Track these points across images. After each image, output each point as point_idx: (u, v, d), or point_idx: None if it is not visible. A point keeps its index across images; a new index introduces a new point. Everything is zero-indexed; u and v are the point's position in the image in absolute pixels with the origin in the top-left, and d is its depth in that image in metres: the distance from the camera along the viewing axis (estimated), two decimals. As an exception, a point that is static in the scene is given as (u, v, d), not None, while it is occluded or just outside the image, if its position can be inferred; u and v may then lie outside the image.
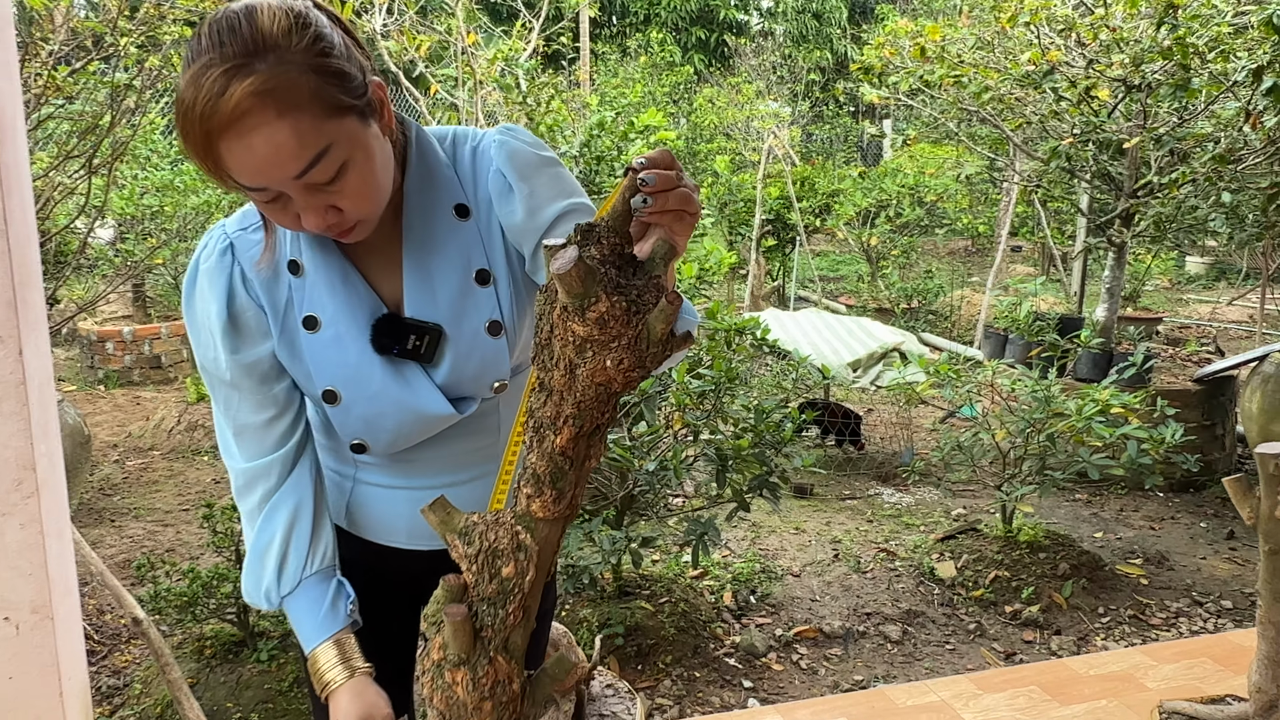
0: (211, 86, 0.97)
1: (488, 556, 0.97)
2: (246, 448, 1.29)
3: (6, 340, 1.79)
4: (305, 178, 1.04)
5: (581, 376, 0.89)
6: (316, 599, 1.28)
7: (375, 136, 1.10)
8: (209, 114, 0.98)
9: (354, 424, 1.27)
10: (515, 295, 1.26)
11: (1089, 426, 3.83)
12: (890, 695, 2.72)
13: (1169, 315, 10.21)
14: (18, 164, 1.84)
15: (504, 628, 0.99)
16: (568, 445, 0.93)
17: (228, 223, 1.26)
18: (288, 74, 0.99)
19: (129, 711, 3.03)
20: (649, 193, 0.87)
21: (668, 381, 3.35)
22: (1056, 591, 3.96)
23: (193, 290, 1.26)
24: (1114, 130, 5.13)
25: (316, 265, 1.22)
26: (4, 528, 1.85)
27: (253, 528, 1.31)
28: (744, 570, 4.13)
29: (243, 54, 0.98)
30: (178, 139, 1.06)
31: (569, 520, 1.00)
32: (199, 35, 1.01)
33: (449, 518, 1.00)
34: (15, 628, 1.89)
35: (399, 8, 5.64)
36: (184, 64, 1.02)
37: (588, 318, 0.85)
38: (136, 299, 7.91)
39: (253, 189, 1.05)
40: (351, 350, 1.23)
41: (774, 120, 11.16)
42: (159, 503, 5.13)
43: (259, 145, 1.00)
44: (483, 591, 0.98)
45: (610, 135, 5.13)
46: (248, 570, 1.31)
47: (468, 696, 0.99)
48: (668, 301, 0.85)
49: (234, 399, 1.27)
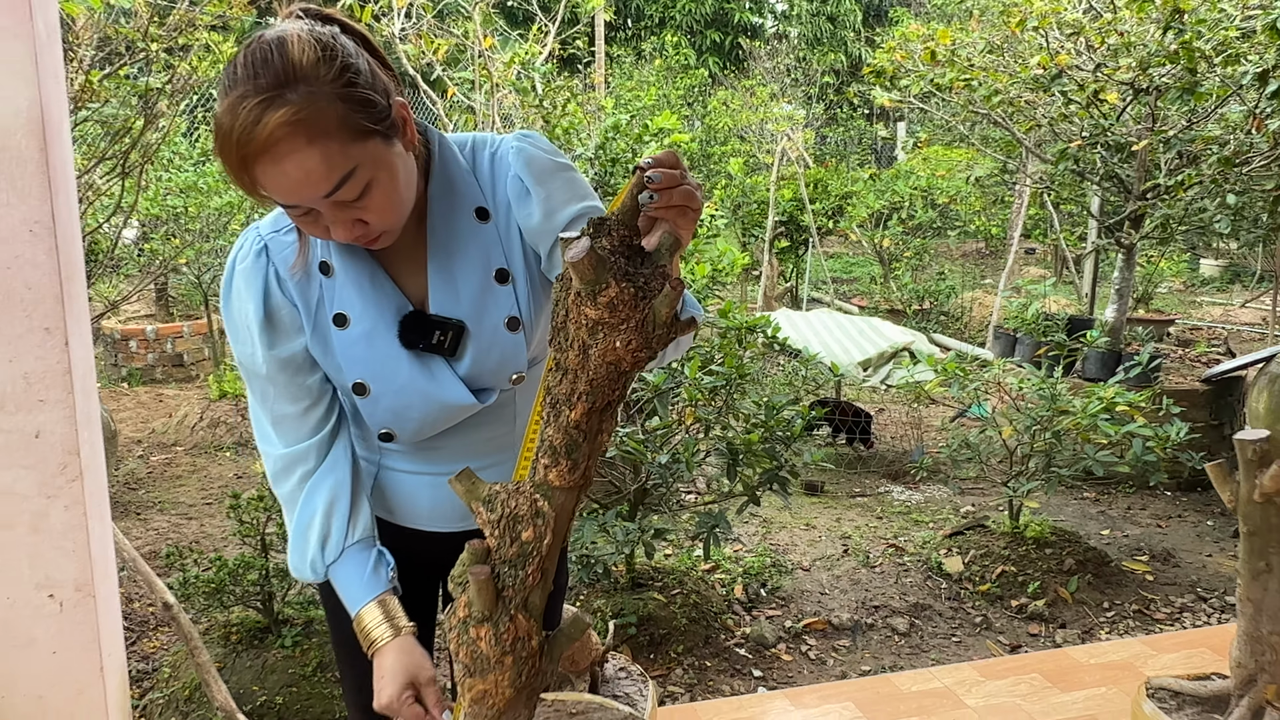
0: (248, 116, 1.06)
1: (509, 522, 1.07)
2: (284, 435, 1.38)
3: (54, 331, 1.89)
4: (333, 197, 1.13)
5: (594, 356, 0.99)
6: (360, 565, 1.37)
7: (398, 154, 1.19)
8: (245, 141, 1.07)
9: (382, 414, 1.36)
10: (532, 293, 1.35)
11: (1095, 424, 3.90)
12: (895, 682, 2.80)
13: (1181, 317, 10.24)
14: (64, 165, 1.94)
15: (524, 588, 1.08)
16: (581, 419, 1.03)
17: (261, 225, 1.35)
18: (317, 104, 1.08)
19: (158, 694, 3.14)
20: (655, 189, 0.96)
21: (680, 378, 3.44)
22: (1062, 586, 4.03)
23: (230, 290, 1.35)
24: (1122, 133, 5.19)
25: (346, 266, 1.31)
26: (49, 509, 1.96)
27: (293, 508, 1.40)
28: (754, 564, 4.21)
29: (275, 85, 1.07)
30: (200, 140, 1.16)
31: (583, 490, 1.09)
32: (235, 65, 1.10)
33: (474, 487, 1.09)
34: (59, 605, 1.99)
35: (417, 12, 5.74)
36: (221, 91, 1.11)
37: (599, 302, 0.95)
38: (159, 298, 8.05)
39: (286, 206, 1.15)
40: (380, 345, 1.31)
41: (788, 123, 11.22)
42: (183, 497, 5.24)
43: (291, 169, 1.10)
44: (504, 554, 1.08)
45: (625, 138, 5.22)
46: (292, 548, 1.40)
47: (490, 650, 1.09)
48: (671, 287, 0.94)
49: (270, 391, 1.36)
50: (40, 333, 1.88)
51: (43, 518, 1.95)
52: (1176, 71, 4.73)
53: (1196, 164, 4.97)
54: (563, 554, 1.54)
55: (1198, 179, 4.69)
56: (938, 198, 11.32)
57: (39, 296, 1.87)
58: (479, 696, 1.13)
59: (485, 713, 1.14)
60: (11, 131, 1.79)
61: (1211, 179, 4.66)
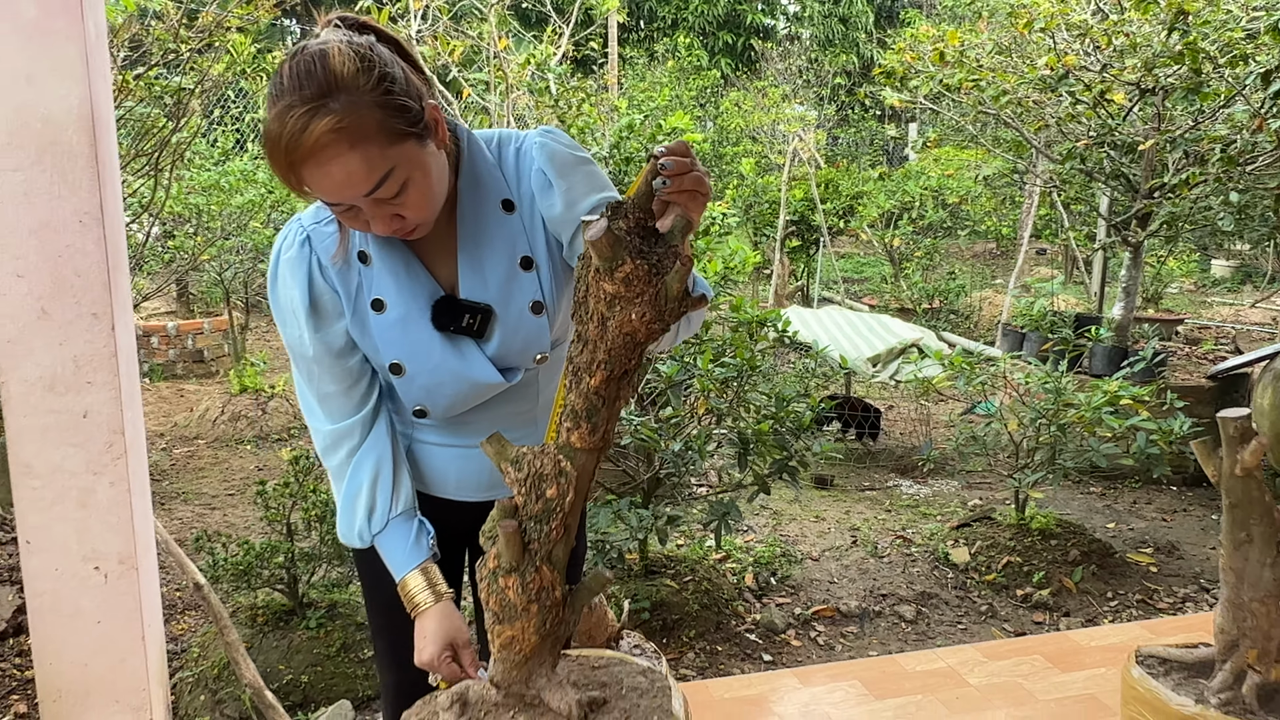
0: (295, 124, 1.17)
1: (534, 480, 1.17)
2: (330, 412, 1.48)
3: (101, 317, 2.00)
4: (373, 195, 1.24)
5: (611, 328, 1.09)
6: (403, 535, 1.48)
7: (431, 154, 1.29)
8: (293, 147, 1.18)
9: (417, 392, 1.47)
10: (555, 278, 1.46)
11: (1099, 418, 3.98)
12: (901, 662, 2.89)
13: (1191, 317, 10.28)
14: (110, 159, 2.06)
15: (548, 541, 1.19)
16: (600, 386, 1.13)
17: (303, 217, 1.46)
18: (357, 112, 1.18)
19: (187, 673, 3.24)
20: (667, 175, 1.06)
21: (693, 370, 3.53)
22: (1067, 576, 4.11)
23: (276, 278, 1.45)
24: (1129, 133, 5.27)
25: (382, 255, 1.41)
26: (95, 486, 2.07)
27: (341, 481, 1.51)
28: (765, 554, 4.30)
29: (319, 95, 1.17)
30: (220, 141, 1.27)
31: (602, 452, 1.20)
32: (281, 76, 1.20)
33: (503, 449, 1.20)
34: (104, 577, 2.10)
35: (433, 14, 5.84)
36: (269, 100, 1.21)
37: (616, 277, 1.06)
38: (180, 295, 8.19)
39: (329, 203, 1.26)
40: (414, 328, 1.42)
41: (799, 124, 11.31)
42: (205, 488, 5.37)
43: (335, 172, 1.20)
44: (530, 510, 1.18)
45: (639, 137, 5.31)
46: (341, 516, 1.51)
47: (518, 599, 1.19)
48: (681, 264, 1.05)
49: (316, 371, 1.47)
50: (89, 318, 2.00)
51: (89, 494, 2.07)
52: (1181, 72, 4.80)
53: (1203, 163, 5.04)
54: (582, 524, 1.64)
55: (1202, 178, 4.76)
56: (948, 198, 11.39)
57: (88, 284, 1.98)
58: (507, 642, 1.23)
59: (513, 657, 1.24)
60: (64, 127, 1.91)
61: (1215, 178, 4.73)
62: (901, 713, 2.60)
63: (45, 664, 2.12)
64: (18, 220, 1.92)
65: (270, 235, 6.98)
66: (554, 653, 1.28)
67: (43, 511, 2.05)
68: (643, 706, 1.30)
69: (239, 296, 7.80)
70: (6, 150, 1.89)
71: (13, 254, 1.93)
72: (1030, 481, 4.17)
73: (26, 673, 3.18)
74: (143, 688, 2.17)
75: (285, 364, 8.05)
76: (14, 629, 3.28)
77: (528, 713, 1.27)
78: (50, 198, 1.92)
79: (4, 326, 1.96)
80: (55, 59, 1.88)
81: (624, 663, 1.42)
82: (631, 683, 1.37)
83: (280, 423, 6.46)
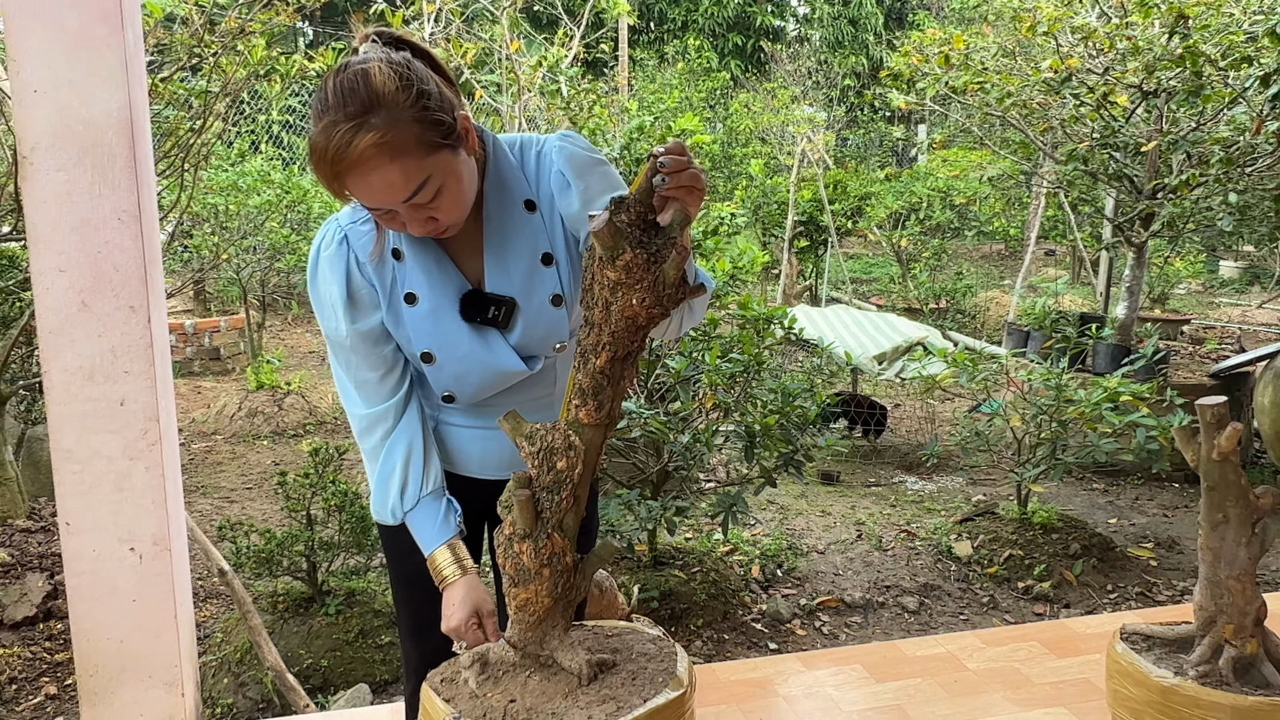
0: (340, 139, 1.27)
1: (546, 453, 1.28)
2: (366, 398, 1.59)
3: (138, 309, 2.11)
4: (410, 201, 1.35)
5: (615, 311, 1.20)
6: (433, 513, 1.59)
7: (463, 161, 1.40)
8: (339, 159, 1.29)
9: (446, 379, 1.57)
10: (573, 273, 1.56)
11: (1100, 414, 4.06)
12: (901, 647, 2.98)
13: (1197, 317, 10.33)
14: (146, 160, 2.16)
15: (559, 510, 1.29)
16: (606, 366, 1.24)
17: (340, 217, 1.56)
18: (397, 127, 1.29)
19: (211, 657, 3.35)
20: (666, 173, 1.16)
21: (701, 365, 3.63)
22: (1067, 570, 4.19)
23: (316, 273, 1.56)
24: (1132, 134, 5.34)
25: (415, 252, 1.52)
26: (132, 470, 2.18)
27: (375, 461, 1.61)
28: (771, 547, 4.40)
29: (362, 112, 1.28)
30: (236, 142, 1.38)
31: (609, 428, 1.30)
32: (325, 92, 1.31)
33: (519, 425, 1.31)
34: (139, 557, 2.21)
35: (446, 17, 5.95)
36: (315, 114, 1.32)
37: (617, 265, 1.17)
38: (197, 294, 8.31)
39: (370, 208, 1.37)
40: (444, 320, 1.52)
41: (808, 125, 11.39)
42: (223, 482, 5.48)
43: (376, 181, 1.31)
44: (542, 481, 1.29)
45: (649, 139, 5.41)
46: (375, 494, 1.62)
47: (531, 563, 1.30)
48: (677, 253, 1.16)
49: (353, 360, 1.57)
50: (126, 310, 2.10)
51: (126, 478, 2.17)
52: (1183, 75, 4.88)
53: (1205, 165, 5.12)
54: (593, 501, 1.74)
55: (1202, 179, 4.84)
56: (955, 199, 11.46)
57: (125, 278, 2.09)
58: (522, 604, 1.33)
59: (528, 618, 1.35)
60: (104, 130, 2.01)
61: (1215, 178, 4.81)
62: (901, 695, 2.68)
63: (83, 640, 2.23)
64: (60, 218, 2.03)
65: (287, 235, 7.11)
66: (566, 616, 1.38)
67: (82, 495, 2.15)
68: (649, 669, 1.40)
69: (255, 295, 7.93)
70: (50, 151, 2.00)
71: (56, 250, 2.04)
72: (1032, 476, 4.25)
73: (56, 656, 3.29)
74: (175, 664, 2.27)
75: (300, 362, 8.17)
76: (44, 614, 3.39)
77: (542, 672, 1.37)
78: (91, 196, 2.03)
79: (46, 318, 2.07)
80: (96, 65, 1.99)
81: (635, 632, 1.52)
82: (640, 649, 1.47)
83: (296, 419, 6.58)
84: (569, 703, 1.31)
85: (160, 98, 3.23)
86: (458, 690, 1.37)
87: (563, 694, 1.33)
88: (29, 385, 4.07)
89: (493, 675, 1.38)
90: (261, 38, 3.70)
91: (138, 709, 2.27)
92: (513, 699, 1.33)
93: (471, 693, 1.36)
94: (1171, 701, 1.69)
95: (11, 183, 3.06)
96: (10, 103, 3.29)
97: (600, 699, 1.32)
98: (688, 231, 1.20)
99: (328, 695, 3.24)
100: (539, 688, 1.35)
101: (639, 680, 1.37)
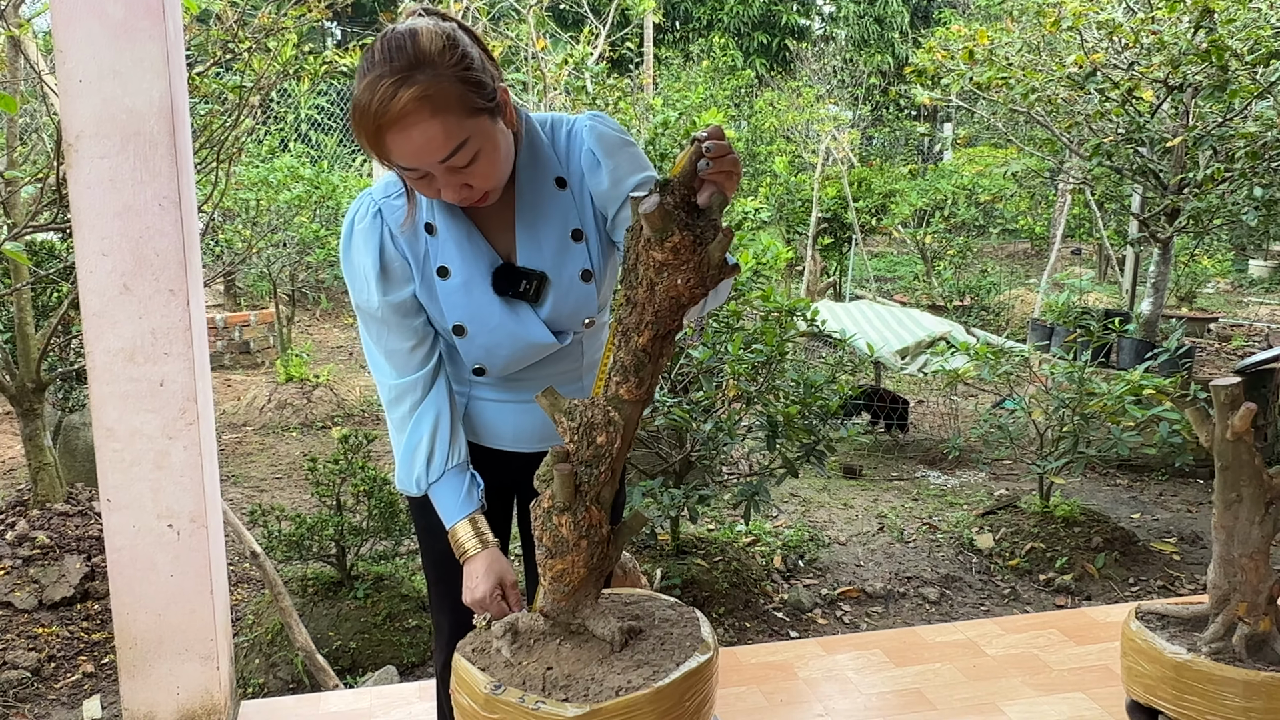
0: (384, 92, 1.32)
1: (586, 428, 1.32)
2: (396, 368, 1.63)
3: (177, 293, 2.18)
4: (448, 162, 1.38)
5: (659, 292, 1.24)
6: (456, 486, 1.63)
7: (501, 130, 1.44)
8: (381, 113, 1.33)
9: (477, 351, 1.62)
10: (601, 249, 1.61)
11: (1122, 407, 4.07)
12: (921, 633, 3.01)
13: (1225, 316, 10.26)
14: (186, 149, 2.23)
15: (597, 483, 1.33)
16: (648, 344, 1.28)
17: (374, 191, 1.60)
18: (440, 84, 1.33)
19: (242, 639, 3.43)
20: (710, 158, 1.20)
21: (724, 356, 3.67)
22: (1089, 563, 4.20)
23: (349, 245, 1.60)
24: (1158, 130, 5.34)
25: (447, 226, 1.56)
26: (170, 449, 2.24)
27: (403, 432, 1.65)
28: (793, 538, 4.43)
29: (407, 67, 1.32)
30: (267, 140, 1.42)
31: (645, 404, 1.34)
32: (373, 51, 1.36)
33: (557, 401, 1.35)
34: (177, 534, 2.28)
35: (472, 15, 6.01)
36: (360, 73, 1.36)
37: (665, 246, 1.20)
38: (227, 288, 8.43)
39: (407, 169, 1.41)
40: (476, 293, 1.57)
41: (833, 124, 11.40)
42: (253, 471, 5.58)
43: (416, 137, 1.35)
44: (581, 455, 1.33)
45: (673, 134, 5.46)
46: (401, 465, 1.65)
47: (570, 534, 1.34)
48: (722, 235, 1.20)
49: (384, 331, 1.62)
50: (166, 294, 2.17)
51: (164, 456, 2.24)
52: (1208, 70, 4.87)
53: (1231, 160, 5.10)
54: (623, 474, 1.79)
55: (1228, 173, 4.83)
56: (980, 196, 11.43)
57: (165, 262, 2.16)
58: (558, 574, 1.37)
59: (562, 588, 1.39)
60: (146, 118, 2.08)
61: (1241, 173, 4.80)
62: (920, 679, 2.72)
63: (123, 614, 2.30)
64: (104, 204, 2.09)
65: (316, 230, 7.20)
66: (597, 585, 1.42)
67: (122, 472, 2.22)
68: (675, 634, 1.45)
69: (285, 290, 8.03)
70: (95, 139, 2.07)
71: (99, 234, 2.11)
72: (1054, 468, 4.26)
73: (93, 635, 3.38)
74: (210, 638, 2.34)
75: (329, 355, 8.27)
76: (81, 595, 3.48)
77: (572, 640, 1.42)
78: (133, 183, 2.10)
79: (90, 301, 2.14)
80: (139, 55, 2.06)
81: (652, 599, 1.57)
82: (662, 615, 1.51)
83: (324, 411, 6.67)
84: (605, 668, 1.36)
85: (195, 93, 3.31)
86: (491, 660, 1.41)
87: (597, 660, 1.38)
88: (65, 375, 4.16)
89: (524, 644, 1.42)
90: (293, 34, 3.77)
91: (174, 681, 2.34)
92: (549, 666, 1.37)
93: (506, 661, 1.39)
94: (1184, 677, 1.72)
95: (51, 174, 3.15)
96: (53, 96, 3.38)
97: (634, 664, 1.37)
98: (722, 214, 1.24)
99: (356, 676, 3.30)
100: (573, 655, 1.39)
101: (667, 645, 1.42)
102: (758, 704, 2.58)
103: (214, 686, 2.37)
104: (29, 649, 3.25)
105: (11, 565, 3.47)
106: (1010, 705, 2.57)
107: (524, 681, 1.35)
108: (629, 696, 1.29)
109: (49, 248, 4.19)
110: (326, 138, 10.72)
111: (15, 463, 5.61)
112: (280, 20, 3.66)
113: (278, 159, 7.56)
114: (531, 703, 1.29)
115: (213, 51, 3.59)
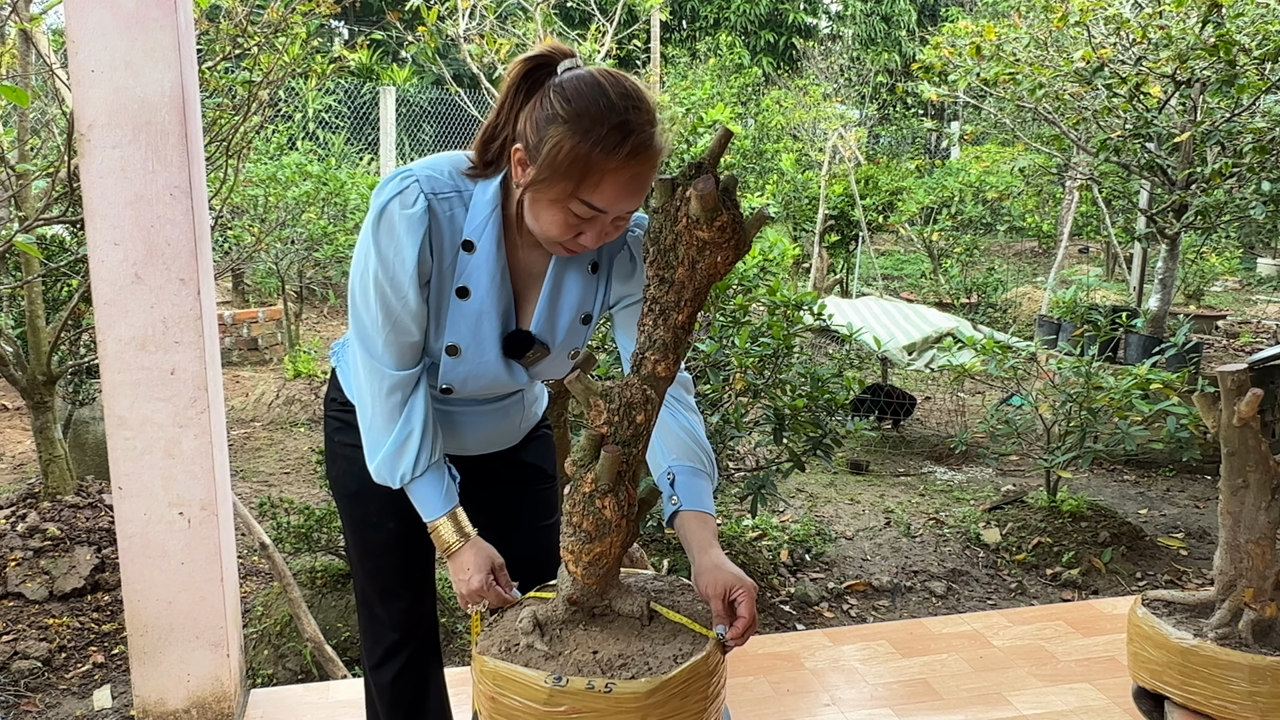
0: (641, 137, 1.36)
1: (626, 408, 1.31)
2: (396, 358, 1.59)
3: (188, 282, 2.20)
4: (627, 213, 1.44)
5: (700, 270, 1.27)
6: (437, 482, 1.63)
7: None
8: (634, 155, 1.36)
9: (455, 375, 1.63)
10: (592, 330, 1.69)
11: (1129, 402, 4.07)
12: (928, 625, 3.02)
13: (1233, 314, 10.25)
14: (197, 139, 2.25)
15: (635, 462, 1.33)
16: (687, 321, 1.30)
17: (420, 178, 1.52)
18: (665, 140, 1.41)
19: (251, 630, 3.45)
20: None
21: (731, 349, 3.68)
22: (1096, 557, 4.20)
23: (388, 224, 1.51)
24: (1165, 125, 5.33)
25: (487, 254, 1.55)
26: (182, 438, 2.26)
27: (392, 424, 1.62)
28: (800, 532, 4.44)
29: (652, 120, 1.38)
30: (274, 137, 1.43)
31: (670, 381, 1.35)
32: (608, 92, 1.37)
33: (590, 385, 1.33)
34: (188, 521, 2.30)
35: (480, 12, 6.02)
36: (602, 110, 1.36)
37: (714, 226, 1.22)
38: (235, 285, 8.46)
39: (592, 208, 1.41)
40: (484, 327, 1.59)
41: (840, 122, 11.40)
42: (261, 467, 5.60)
43: (637, 185, 1.40)
44: (621, 435, 1.32)
45: (681, 129, 5.47)
46: (386, 456, 1.62)
47: (613, 516, 1.33)
48: (755, 214, 1.23)
49: (403, 320, 1.57)
50: (177, 283, 2.19)
51: (175, 445, 2.26)
52: (1216, 65, 4.87)
53: (1239, 155, 5.10)
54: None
55: (1235, 169, 4.83)
56: (987, 193, 11.42)
57: (176, 252, 2.18)
58: (595, 559, 1.35)
59: (597, 572, 1.37)
60: (157, 108, 2.10)
61: (1249, 168, 4.79)
62: (927, 669, 2.73)
63: (134, 601, 2.32)
64: (116, 193, 2.11)
65: (324, 226, 7.22)
66: (619, 564, 1.43)
67: (134, 460, 2.24)
68: (682, 604, 1.47)
69: (293, 286, 8.05)
70: (107, 129, 2.09)
71: (111, 224, 2.13)
72: (1061, 462, 4.26)
73: (104, 626, 3.40)
74: (220, 625, 2.36)
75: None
76: (91, 586, 3.50)
77: (598, 622, 1.41)
78: (145, 173, 2.12)
79: (102, 290, 2.16)
80: (151, 46, 2.07)
81: (636, 574, 1.58)
82: (658, 588, 1.53)
83: (332, 407, 6.68)
84: (649, 644, 1.36)
85: (204, 88, 3.32)
86: (528, 656, 1.37)
87: (634, 636, 1.38)
88: (76, 368, 4.19)
89: (553, 635, 1.40)
90: (301, 30, 3.79)
91: (185, 668, 2.36)
92: (594, 650, 1.35)
93: (545, 654, 1.36)
94: (1191, 662, 1.73)
95: (62, 168, 3.16)
96: (63, 90, 3.40)
97: (670, 634, 1.38)
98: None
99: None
100: (608, 636, 1.38)
101: (689, 616, 1.44)
102: (764, 694, 2.59)
103: (224, 674, 2.39)
104: (40, 639, 3.27)
105: (23, 557, 3.49)
106: (1017, 696, 2.58)
107: (579, 669, 1.32)
108: (688, 664, 1.31)
109: (59, 241, 4.21)
110: (334, 136, 10.75)
111: (26, 456, 5.64)
112: (289, 16, 3.67)
113: (286, 156, 7.58)
114: (602, 685, 1.27)
115: (222, 47, 3.61)
